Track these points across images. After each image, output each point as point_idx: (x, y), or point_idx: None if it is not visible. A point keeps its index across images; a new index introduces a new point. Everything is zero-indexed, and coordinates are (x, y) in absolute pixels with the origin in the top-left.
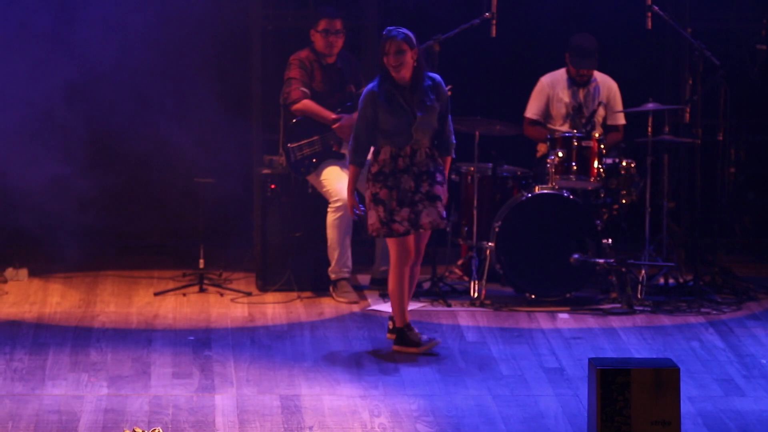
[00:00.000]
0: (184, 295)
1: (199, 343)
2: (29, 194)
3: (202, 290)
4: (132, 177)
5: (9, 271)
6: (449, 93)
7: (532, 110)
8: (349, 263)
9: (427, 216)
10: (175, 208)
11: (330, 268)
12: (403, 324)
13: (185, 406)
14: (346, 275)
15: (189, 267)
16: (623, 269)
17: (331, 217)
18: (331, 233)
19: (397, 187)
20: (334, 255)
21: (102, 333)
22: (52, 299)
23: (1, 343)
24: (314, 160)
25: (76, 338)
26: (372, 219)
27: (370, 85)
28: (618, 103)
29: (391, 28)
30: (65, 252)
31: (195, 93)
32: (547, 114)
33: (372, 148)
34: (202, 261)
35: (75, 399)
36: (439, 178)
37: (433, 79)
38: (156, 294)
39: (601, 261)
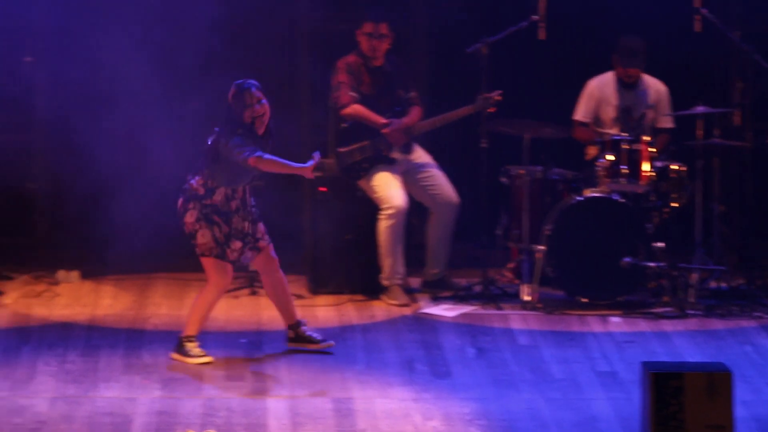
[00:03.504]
0: (236, 297)
1: (251, 345)
2: (82, 197)
3: (253, 293)
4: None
5: (61, 273)
6: (499, 98)
7: (580, 113)
8: (401, 270)
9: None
10: None
11: (382, 275)
12: (191, 333)
13: (238, 409)
14: (399, 282)
15: (240, 270)
16: (674, 273)
17: (383, 224)
18: (383, 240)
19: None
20: (386, 262)
21: (154, 335)
22: (104, 301)
23: (53, 345)
24: (365, 165)
25: (129, 340)
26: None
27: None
28: (667, 107)
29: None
30: (117, 254)
31: None
32: (596, 117)
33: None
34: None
35: (128, 401)
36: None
37: None
38: None
39: (653, 264)
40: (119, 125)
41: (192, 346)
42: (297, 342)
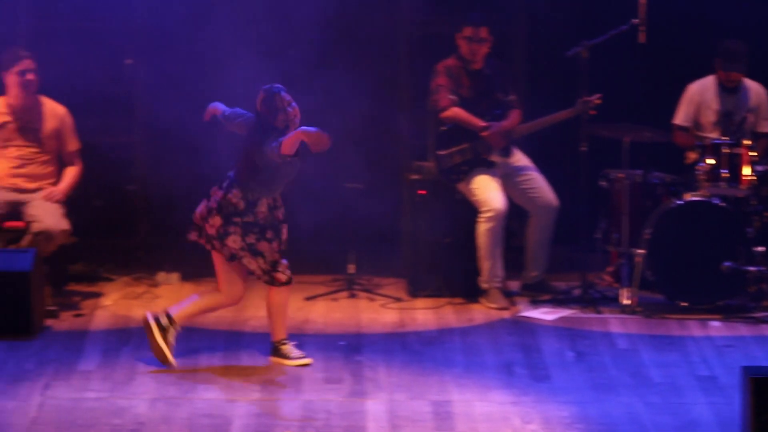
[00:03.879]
0: (335, 300)
1: (350, 348)
2: (182, 199)
3: (352, 295)
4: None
5: (161, 275)
6: (599, 101)
7: (680, 117)
8: (501, 272)
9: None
10: (325, 212)
11: (481, 278)
12: (283, 337)
13: (337, 411)
14: (498, 285)
15: (339, 272)
16: None
17: (483, 227)
18: (483, 243)
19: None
20: (485, 265)
21: (253, 337)
22: None
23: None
24: (464, 168)
25: (228, 342)
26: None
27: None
28: (767, 110)
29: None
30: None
31: (343, 98)
32: (696, 121)
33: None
34: (352, 266)
35: (227, 403)
36: None
37: None
38: (307, 299)
39: (753, 269)
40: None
41: (290, 349)
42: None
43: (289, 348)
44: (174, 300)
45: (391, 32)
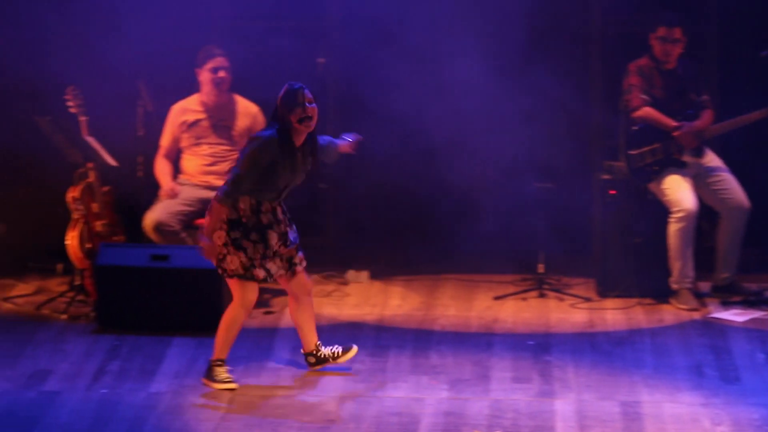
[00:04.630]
0: (524, 299)
1: (539, 347)
2: (373, 198)
3: (541, 295)
4: (474, 178)
5: (350, 273)
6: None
7: None
8: (691, 273)
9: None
10: (515, 212)
11: (671, 278)
12: (216, 357)
13: (525, 411)
14: (689, 285)
15: (529, 272)
16: None
17: (674, 227)
18: (674, 243)
19: (264, 243)
20: (675, 265)
21: (442, 336)
22: (392, 302)
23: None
24: (656, 168)
25: (417, 341)
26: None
27: (269, 133)
28: None
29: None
30: (406, 255)
31: (536, 98)
32: None
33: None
34: (541, 266)
35: (415, 401)
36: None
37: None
38: (496, 298)
39: None
40: (403, 126)
41: (220, 371)
42: (319, 364)
43: (220, 371)
44: (363, 298)
45: (585, 32)
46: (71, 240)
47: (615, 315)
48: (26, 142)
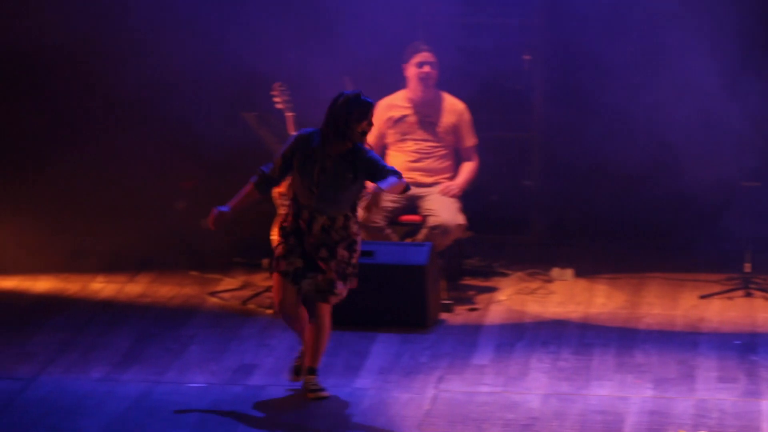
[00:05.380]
0: (730, 299)
1: (745, 347)
2: (580, 196)
3: (747, 294)
4: (681, 177)
5: (555, 271)
6: None
7: None
8: None
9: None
10: (722, 211)
11: None
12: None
13: (730, 411)
14: None
15: (734, 271)
16: None
17: None
18: None
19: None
20: None
21: (647, 335)
22: (597, 300)
23: (547, 342)
24: None
25: (621, 339)
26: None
27: (309, 130)
28: None
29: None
30: (611, 253)
31: (749, 99)
32: None
33: None
34: (748, 265)
35: (620, 400)
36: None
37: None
38: (702, 297)
39: None
40: (608, 125)
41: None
42: (298, 378)
43: (314, 381)
44: (568, 296)
45: None
46: (276, 235)
47: None
48: (232, 138)
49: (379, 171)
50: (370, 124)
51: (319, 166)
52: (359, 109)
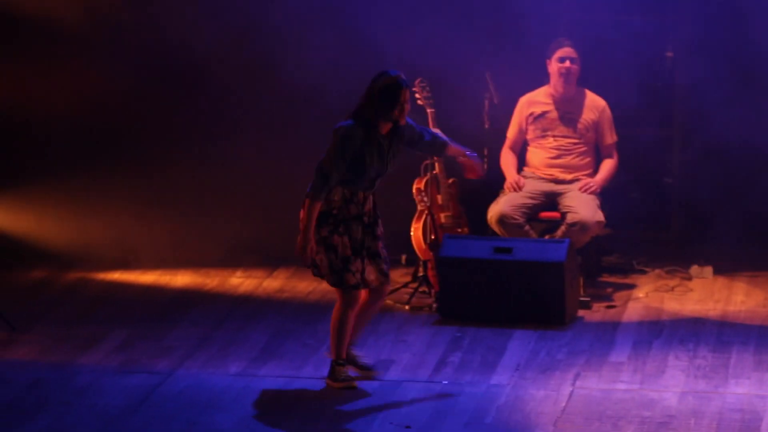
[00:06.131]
0: None
1: None
2: (718, 193)
3: None
4: None
5: (694, 269)
6: None
7: None
8: None
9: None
10: None
11: None
12: (336, 357)
13: None
14: None
15: None
16: None
17: None
18: None
19: (349, 235)
20: None
21: None
22: (736, 297)
23: (685, 340)
24: None
25: (760, 337)
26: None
27: (352, 121)
28: None
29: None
30: (751, 251)
31: None
32: None
33: None
34: None
35: (758, 398)
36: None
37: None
38: None
39: None
40: (755, 123)
41: (341, 371)
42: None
43: (340, 370)
44: (706, 293)
45: None
46: (415, 231)
47: None
48: None
49: (436, 139)
50: (403, 109)
51: (376, 150)
52: (391, 95)
